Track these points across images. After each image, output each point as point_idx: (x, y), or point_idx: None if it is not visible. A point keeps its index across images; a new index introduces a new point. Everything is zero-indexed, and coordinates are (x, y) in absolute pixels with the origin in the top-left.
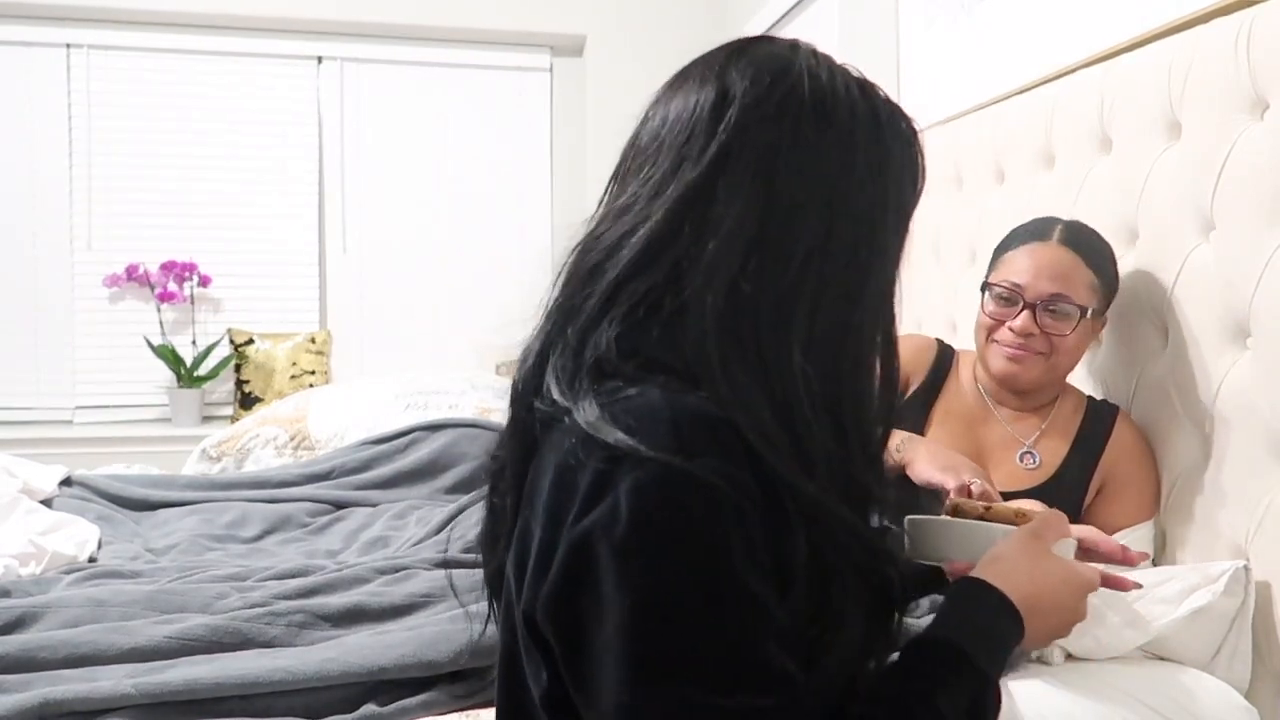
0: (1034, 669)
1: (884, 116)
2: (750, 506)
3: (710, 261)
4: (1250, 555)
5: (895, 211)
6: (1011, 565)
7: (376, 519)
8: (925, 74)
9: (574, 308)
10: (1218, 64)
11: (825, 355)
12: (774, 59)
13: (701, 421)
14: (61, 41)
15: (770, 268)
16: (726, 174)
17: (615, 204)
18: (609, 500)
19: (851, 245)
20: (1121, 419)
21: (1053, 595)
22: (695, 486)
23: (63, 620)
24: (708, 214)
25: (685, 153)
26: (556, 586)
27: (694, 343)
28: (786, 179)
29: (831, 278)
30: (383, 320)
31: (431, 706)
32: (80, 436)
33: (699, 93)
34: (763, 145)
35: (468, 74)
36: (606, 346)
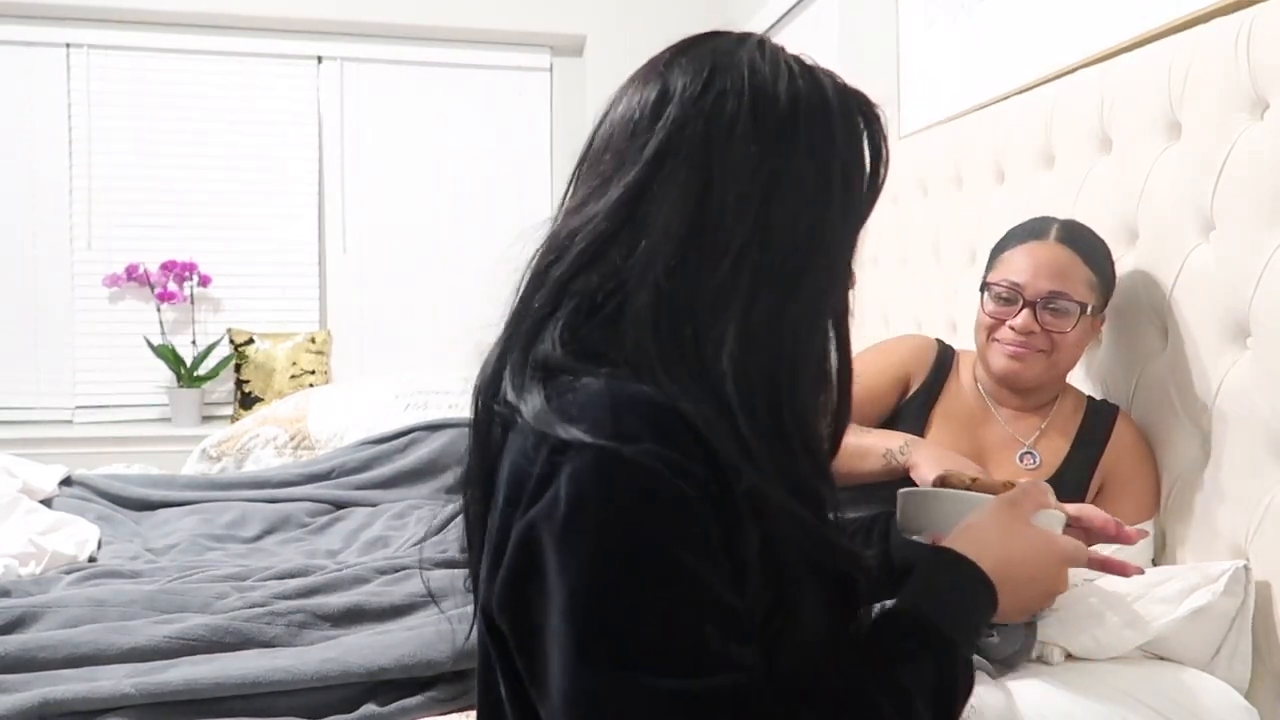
0: (1034, 669)
1: (833, 106)
2: (692, 490)
3: (644, 259)
4: (1250, 555)
5: (842, 205)
6: (983, 533)
7: (376, 519)
8: (925, 74)
9: (526, 310)
10: (1218, 64)
11: (761, 352)
12: (715, 53)
13: (640, 407)
14: (61, 41)
15: (704, 263)
16: (663, 170)
17: (568, 207)
18: (551, 490)
19: (789, 239)
20: (1122, 418)
21: (1027, 564)
22: (629, 469)
23: (63, 620)
24: (645, 211)
25: (627, 153)
26: (507, 580)
27: (632, 340)
28: (722, 173)
29: (767, 272)
30: (383, 320)
31: (431, 706)
32: (80, 436)
33: (642, 92)
34: (698, 140)
35: (468, 74)
36: (552, 345)
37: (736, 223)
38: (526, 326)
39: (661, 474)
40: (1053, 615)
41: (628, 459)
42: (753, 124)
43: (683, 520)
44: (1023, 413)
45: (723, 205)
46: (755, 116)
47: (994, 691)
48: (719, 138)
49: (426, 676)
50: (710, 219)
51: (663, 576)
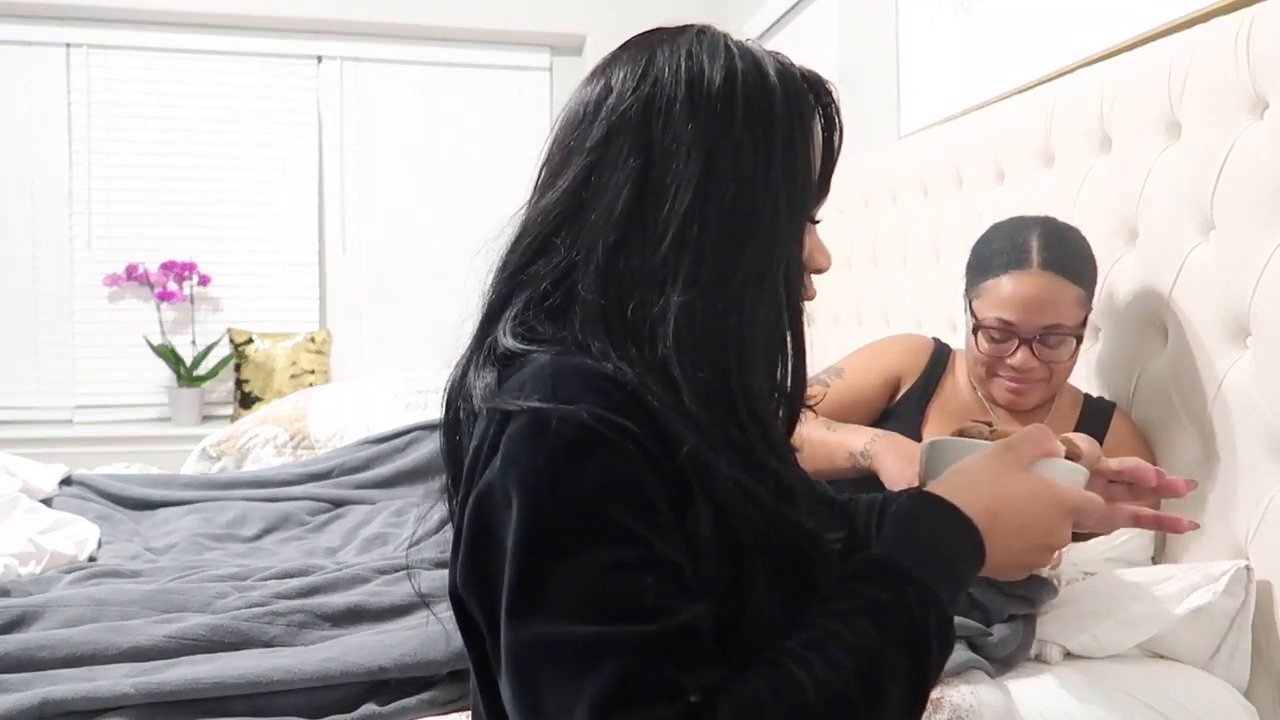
0: (1033, 668)
1: (772, 82)
2: (629, 443)
3: (588, 242)
4: (1250, 554)
5: (786, 177)
6: (971, 478)
7: (375, 516)
8: (925, 73)
9: (486, 306)
10: (1218, 63)
11: (706, 327)
12: (653, 44)
13: (580, 373)
14: (61, 41)
15: (646, 242)
16: (605, 157)
17: (527, 205)
18: (494, 458)
19: (729, 213)
20: (1118, 415)
21: (1019, 512)
22: (561, 425)
23: (63, 620)
24: (589, 198)
25: (573, 146)
26: (465, 556)
27: (580, 321)
28: (661, 153)
29: (708, 247)
30: (383, 320)
31: (431, 706)
32: (80, 436)
33: (588, 88)
34: (637, 124)
35: (468, 73)
36: (507, 334)
37: (675, 199)
38: (484, 320)
39: (593, 429)
40: (1053, 612)
41: (561, 416)
42: (689, 103)
43: (615, 473)
44: (1019, 417)
45: (662, 184)
46: (691, 95)
47: (993, 690)
48: (655, 119)
49: (426, 676)
50: (650, 198)
51: (592, 528)
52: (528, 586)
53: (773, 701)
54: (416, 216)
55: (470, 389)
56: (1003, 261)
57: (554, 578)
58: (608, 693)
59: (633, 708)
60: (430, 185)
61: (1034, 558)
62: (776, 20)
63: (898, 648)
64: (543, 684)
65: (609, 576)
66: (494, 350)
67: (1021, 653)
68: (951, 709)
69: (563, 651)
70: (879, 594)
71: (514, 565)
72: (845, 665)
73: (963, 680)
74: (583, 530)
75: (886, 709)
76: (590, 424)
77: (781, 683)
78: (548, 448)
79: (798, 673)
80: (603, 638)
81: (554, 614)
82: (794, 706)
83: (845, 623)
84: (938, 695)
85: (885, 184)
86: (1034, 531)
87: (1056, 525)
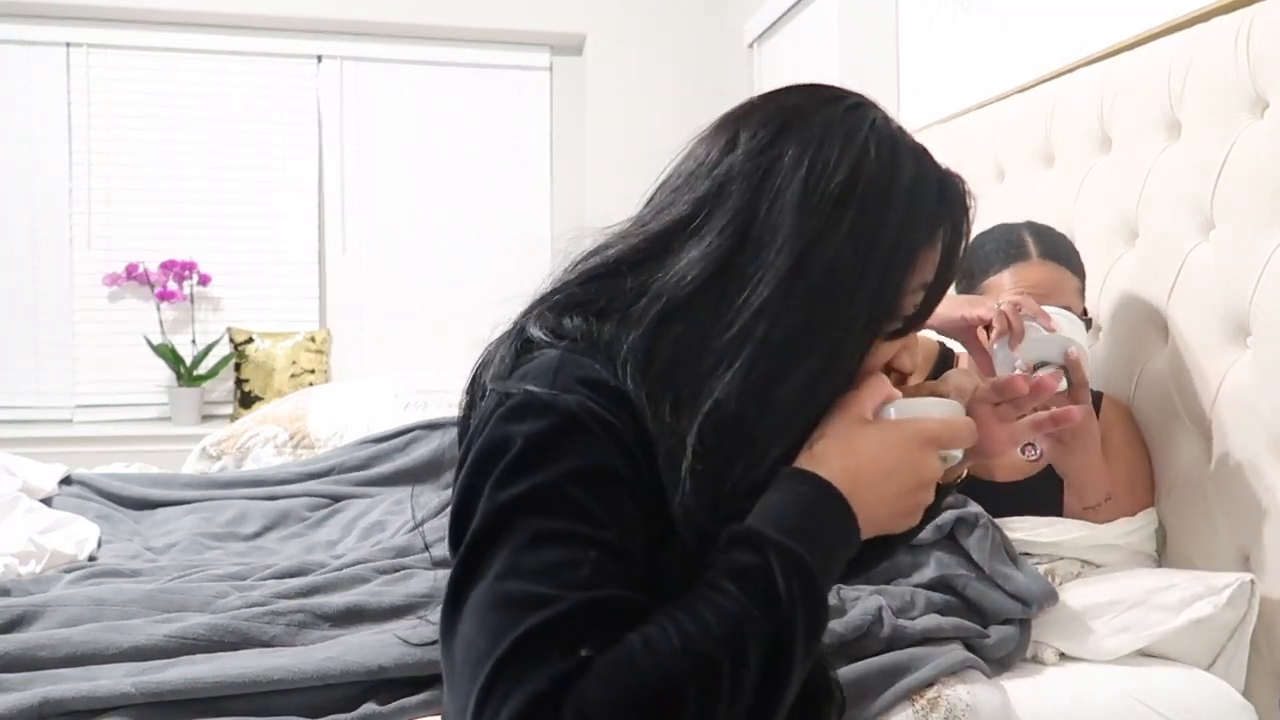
0: (1030, 668)
1: (898, 193)
2: (610, 440)
3: (654, 291)
4: (1250, 553)
5: (873, 298)
6: (819, 446)
7: (375, 506)
8: (925, 73)
9: (536, 298)
10: (1218, 62)
11: (733, 422)
12: (795, 110)
13: (583, 369)
14: (61, 40)
15: (715, 317)
16: (708, 215)
17: (628, 221)
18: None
19: (800, 322)
20: (1106, 400)
21: (874, 460)
22: (548, 408)
23: (62, 619)
24: (680, 246)
25: (684, 190)
26: (451, 518)
27: (621, 363)
28: (758, 235)
29: (769, 348)
30: (383, 320)
31: (431, 705)
32: (80, 435)
33: (714, 139)
34: (746, 196)
35: (468, 73)
36: (533, 325)
37: (755, 289)
38: (526, 310)
39: (578, 416)
40: (1050, 615)
41: (551, 401)
42: (801, 192)
43: (590, 459)
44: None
45: (748, 266)
46: (806, 184)
47: (990, 690)
48: (764, 196)
49: (427, 676)
50: (733, 276)
51: (555, 502)
52: (484, 541)
53: (643, 649)
54: (416, 216)
55: (488, 367)
56: (1001, 258)
57: (508, 539)
58: (516, 643)
59: (529, 659)
60: (430, 185)
61: (913, 499)
62: (776, 20)
63: (759, 606)
64: (469, 632)
65: (556, 544)
66: (520, 336)
67: (1018, 654)
68: (948, 708)
69: (491, 606)
70: (741, 558)
71: (478, 524)
72: (709, 621)
73: (959, 680)
74: (546, 503)
75: (749, 663)
76: (576, 412)
77: (652, 635)
78: (533, 426)
79: (669, 627)
80: (530, 597)
81: (498, 573)
82: (663, 655)
83: (710, 585)
84: (934, 694)
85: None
86: (900, 474)
87: (919, 460)
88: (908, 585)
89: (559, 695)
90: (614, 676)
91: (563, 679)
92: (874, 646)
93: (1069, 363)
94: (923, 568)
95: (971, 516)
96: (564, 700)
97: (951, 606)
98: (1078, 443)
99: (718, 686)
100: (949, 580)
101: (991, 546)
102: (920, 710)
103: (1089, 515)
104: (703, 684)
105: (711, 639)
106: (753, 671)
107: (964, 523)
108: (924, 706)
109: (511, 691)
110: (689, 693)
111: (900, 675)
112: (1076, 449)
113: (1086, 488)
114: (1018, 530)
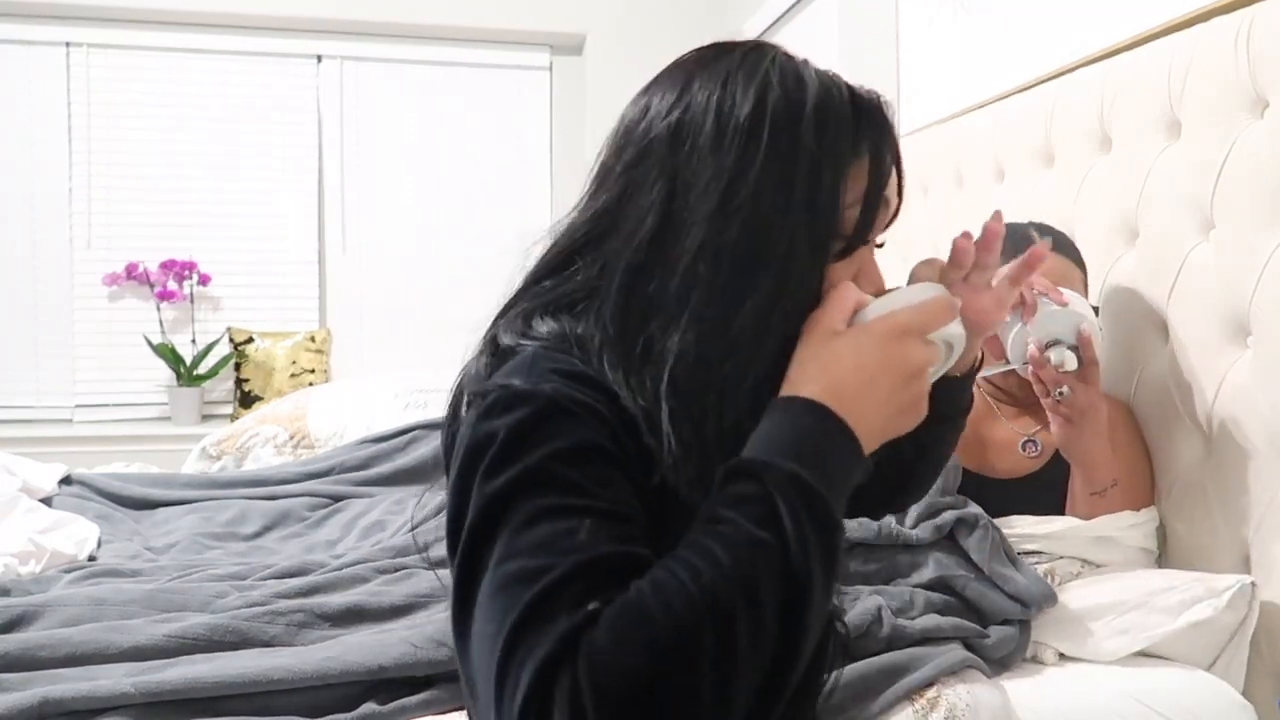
0: (1030, 668)
1: (806, 114)
2: (592, 420)
3: (609, 267)
4: (1251, 553)
5: (806, 218)
6: (799, 373)
7: (375, 506)
8: (925, 73)
9: (501, 308)
10: (1218, 63)
11: (700, 368)
12: (697, 64)
13: (559, 363)
14: (61, 40)
15: (661, 276)
16: (635, 182)
17: (568, 216)
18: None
19: (738, 254)
20: (1107, 399)
21: (855, 367)
22: (525, 397)
23: (62, 619)
24: (617, 220)
25: (610, 167)
26: (448, 521)
27: (598, 348)
28: (684, 185)
29: (714, 287)
30: (383, 319)
31: (431, 705)
32: (80, 435)
33: (633, 106)
34: (665, 152)
35: (467, 73)
36: (504, 332)
37: (689, 234)
38: (494, 320)
39: (557, 401)
40: (1049, 616)
41: (525, 390)
42: (714, 134)
43: (573, 439)
44: (1023, 412)
45: (681, 215)
46: (717, 126)
47: (990, 689)
48: (681, 147)
49: (426, 675)
50: (671, 230)
51: (543, 483)
52: (481, 535)
53: (650, 590)
54: (416, 216)
55: (468, 381)
56: (1009, 250)
57: (502, 526)
58: (522, 615)
59: (538, 625)
60: (430, 185)
61: (908, 393)
62: (776, 20)
63: (764, 528)
64: (479, 625)
65: (550, 519)
66: (494, 344)
67: (1018, 655)
68: (948, 708)
69: (495, 592)
70: (737, 489)
71: (471, 519)
72: (715, 550)
73: (959, 679)
74: (535, 485)
75: (762, 586)
76: (555, 397)
77: (658, 576)
78: (513, 417)
79: (674, 566)
80: (528, 571)
81: (497, 560)
82: (670, 591)
83: (710, 520)
84: (934, 694)
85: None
86: (885, 374)
87: (901, 353)
88: (907, 585)
89: (571, 652)
90: (622, 620)
91: (572, 636)
92: (873, 646)
93: (1081, 341)
94: (922, 568)
95: (971, 517)
96: (577, 654)
97: (951, 607)
98: (1087, 422)
99: (732, 611)
100: (948, 581)
101: (991, 547)
102: (920, 710)
103: (1095, 502)
104: (717, 612)
105: (719, 566)
106: (768, 593)
107: (964, 523)
108: (924, 706)
109: (525, 664)
110: (704, 623)
111: (900, 675)
112: (1086, 428)
113: (1095, 470)
114: (1019, 525)
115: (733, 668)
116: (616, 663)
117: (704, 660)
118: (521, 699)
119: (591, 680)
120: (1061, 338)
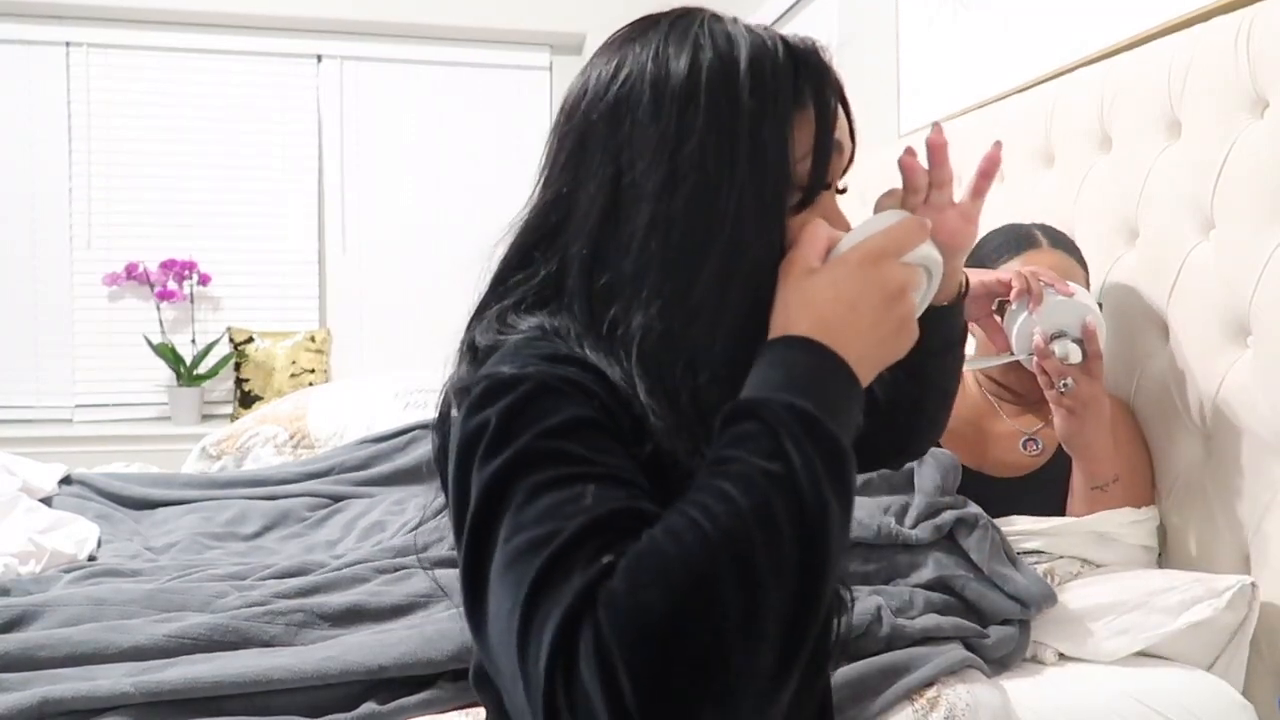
0: (1030, 668)
1: (739, 73)
2: (581, 396)
3: (565, 257)
4: (1251, 553)
5: (754, 176)
6: (782, 317)
7: (375, 506)
8: (925, 72)
9: (471, 313)
10: (1218, 63)
11: (666, 342)
12: (629, 38)
13: (541, 348)
14: (61, 40)
15: (617, 259)
16: (580, 164)
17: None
18: None
19: (689, 222)
20: None
21: (835, 301)
22: (510, 382)
23: (62, 619)
24: (567, 204)
25: (555, 153)
26: (456, 528)
27: (575, 337)
28: (629, 160)
29: (670, 259)
30: (383, 319)
31: (431, 705)
32: (80, 435)
33: (570, 94)
34: (606, 130)
35: (467, 72)
36: (479, 334)
37: (639, 211)
38: (469, 325)
39: (545, 381)
40: (1049, 616)
41: (512, 376)
42: (652, 105)
43: (565, 414)
44: (1024, 410)
45: (629, 194)
46: (655, 97)
47: (990, 690)
48: (623, 124)
49: (426, 675)
50: (621, 210)
51: (541, 460)
52: (484, 520)
53: (663, 534)
54: (416, 216)
55: (450, 388)
56: (1012, 247)
57: (505, 507)
58: (536, 581)
59: (554, 586)
60: (430, 184)
61: (892, 316)
62: (776, 20)
63: (772, 460)
64: (494, 605)
65: (551, 490)
66: (472, 349)
67: (1017, 655)
68: (948, 708)
69: (505, 569)
70: (737, 428)
71: (473, 506)
72: (724, 488)
73: (959, 679)
74: (532, 462)
75: (777, 514)
76: (541, 378)
77: (670, 520)
78: (503, 402)
79: (684, 509)
80: (536, 540)
81: (504, 539)
82: (682, 532)
83: (715, 462)
84: (934, 693)
85: (885, 183)
86: (864, 300)
87: (877, 277)
88: (906, 585)
89: (590, 605)
90: (638, 565)
91: (588, 590)
92: (873, 646)
93: (1085, 333)
94: (921, 568)
95: (971, 517)
96: (596, 606)
97: (950, 607)
98: (1090, 415)
99: (749, 541)
100: (948, 581)
101: (990, 547)
102: (920, 709)
103: (1097, 498)
104: (733, 544)
105: (731, 501)
106: (784, 521)
107: (963, 523)
108: (924, 706)
109: (545, 626)
110: (720, 555)
111: (900, 674)
112: (1089, 421)
113: (1097, 463)
114: (1019, 522)
115: (755, 599)
116: (636, 605)
117: (726, 592)
118: (546, 660)
119: (614, 626)
120: (1067, 329)
